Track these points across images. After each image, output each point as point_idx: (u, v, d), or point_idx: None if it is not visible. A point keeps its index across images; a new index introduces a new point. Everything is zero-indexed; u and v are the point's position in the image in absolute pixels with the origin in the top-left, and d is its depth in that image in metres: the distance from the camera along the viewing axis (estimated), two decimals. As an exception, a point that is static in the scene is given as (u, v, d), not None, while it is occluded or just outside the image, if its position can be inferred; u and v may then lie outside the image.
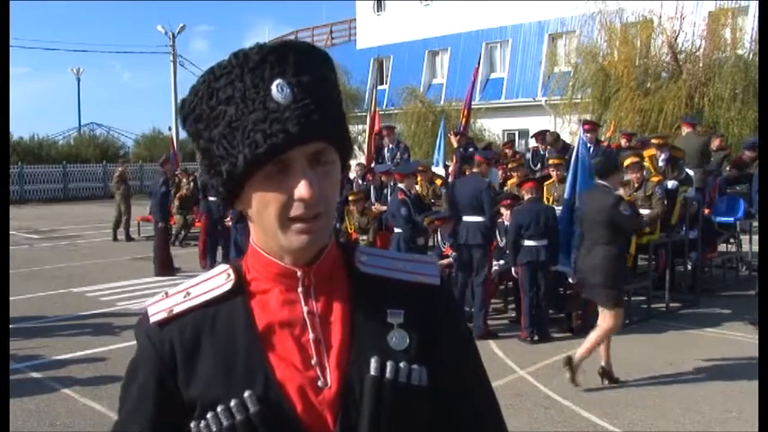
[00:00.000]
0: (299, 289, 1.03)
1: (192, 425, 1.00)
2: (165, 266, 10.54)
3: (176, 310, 1.03)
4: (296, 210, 0.95)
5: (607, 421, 4.79)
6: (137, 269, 11.13)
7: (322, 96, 0.96)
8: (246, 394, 0.97)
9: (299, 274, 1.02)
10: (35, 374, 5.91)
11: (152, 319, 1.03)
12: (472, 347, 1.14)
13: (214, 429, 0.97)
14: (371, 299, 1.05)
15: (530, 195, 6.94)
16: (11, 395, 4.44)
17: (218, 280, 1.05)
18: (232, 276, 1.04)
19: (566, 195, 7.14)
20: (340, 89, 1.04)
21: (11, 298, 7.49)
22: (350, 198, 8.66)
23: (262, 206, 0.97)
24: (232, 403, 0.97)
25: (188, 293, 1.04)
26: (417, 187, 8.64)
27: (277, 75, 0.94)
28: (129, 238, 14.58)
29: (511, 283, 7.83)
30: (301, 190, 0.93)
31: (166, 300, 1.05)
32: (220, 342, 1.01)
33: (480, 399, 1.11)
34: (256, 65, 0.94)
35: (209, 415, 0.98)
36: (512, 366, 6.00)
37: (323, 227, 0.98)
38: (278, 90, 0.93)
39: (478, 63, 13.11)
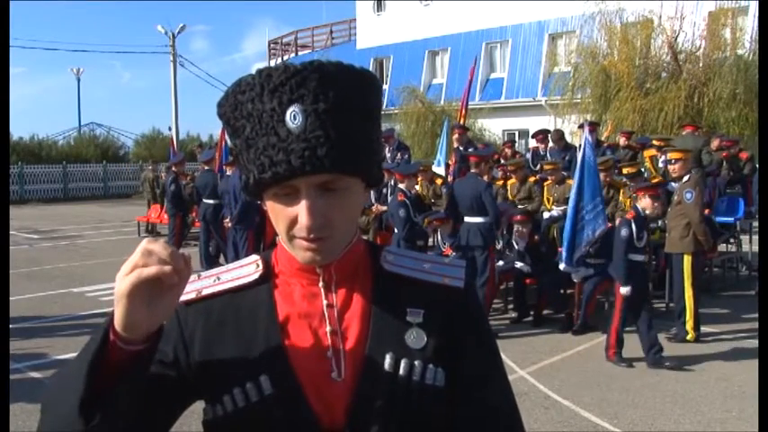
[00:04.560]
0: (320, 283, 1.05)
1: (208, 407, 1.03)
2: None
3: (204, 292, 1.07)
4: (298, 231, 0.97)
5: (607, 421, 4.79)
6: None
7: (340, 126, 0.93)
8: (262, 378, 0.99)
9: (318, 269, 1.04)
10: (35, 374, 5.90)
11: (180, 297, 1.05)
12: (494, 351, 1.11)
13: (230, 410, 1.00)
14: (393, 297, 1.06)
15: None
16: (11, 395, 4.44)
17: (248, 269, 1.09)
18: (261, 266, 1.09)
19: (572, 195, 7.11)
20: (373, 112, 0.99)
21: (11, 298, 7.49)
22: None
23: (274, 215, 1.00)
24: (248, 385, 1.00)
25: (218, 278, 1.08)
26: (417, 187, 8.63)
27: (295, 100, 0.92)
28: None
29: (511, 282, 7.83)
30: (302, 217, 0.95)
31: (197, 282, 1.08)
32: (242, 327, 1.04)
33: (499, 404, 1.08)
34: (276, 87, 0.93)
35: (225, 397, 1.00)
36: (512, 366, 5.99)
37: (329, 248, 0.99)
38: (291, 118, 0.92)
39: (474, 63, 13.12)
